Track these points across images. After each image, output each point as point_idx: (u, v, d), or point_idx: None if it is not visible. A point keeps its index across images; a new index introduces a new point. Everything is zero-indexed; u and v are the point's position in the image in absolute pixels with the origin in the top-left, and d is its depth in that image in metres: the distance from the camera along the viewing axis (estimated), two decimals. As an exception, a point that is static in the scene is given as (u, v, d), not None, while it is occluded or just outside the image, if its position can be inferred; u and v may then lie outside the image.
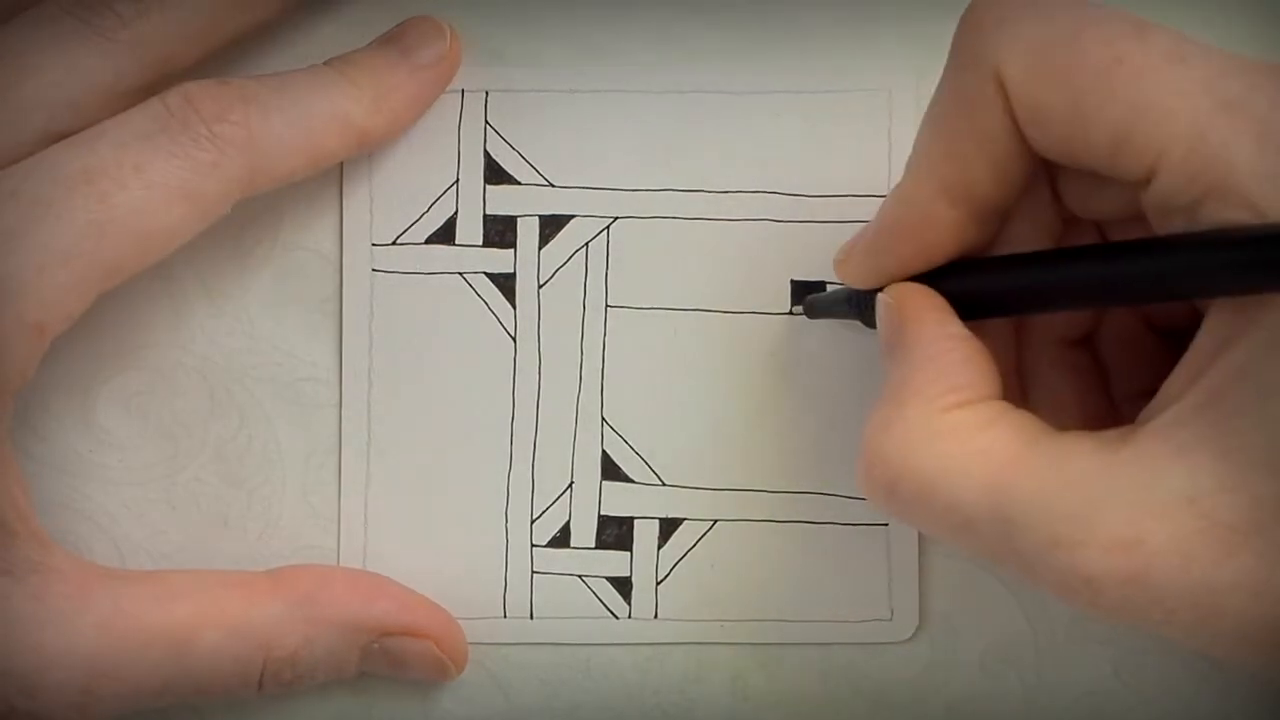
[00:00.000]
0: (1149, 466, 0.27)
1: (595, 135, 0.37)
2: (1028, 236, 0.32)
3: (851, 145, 0.37)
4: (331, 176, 0.37)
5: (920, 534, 0.36)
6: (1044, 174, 0.31)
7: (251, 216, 0.36)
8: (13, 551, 0.32)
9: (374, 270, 0.37)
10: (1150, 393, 0.29)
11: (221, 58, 0.35)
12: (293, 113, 0.34)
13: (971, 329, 0.31)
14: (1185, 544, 0.26)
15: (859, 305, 0.33)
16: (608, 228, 0.37)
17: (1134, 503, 0.26)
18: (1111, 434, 0.28)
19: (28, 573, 0.32)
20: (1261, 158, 0.26)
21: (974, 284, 0.31)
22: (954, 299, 0.31)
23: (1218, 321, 0.27)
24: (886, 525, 0.36)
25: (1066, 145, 0.28)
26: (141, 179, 0.32)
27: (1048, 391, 0.33)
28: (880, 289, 0.32)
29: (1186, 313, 0.31)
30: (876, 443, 0.29)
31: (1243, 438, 0.26)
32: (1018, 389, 0.34)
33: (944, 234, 0.31)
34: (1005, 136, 0.29)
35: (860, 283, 0.33)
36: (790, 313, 0.37)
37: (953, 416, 0.29)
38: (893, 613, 0.36)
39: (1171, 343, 0.33)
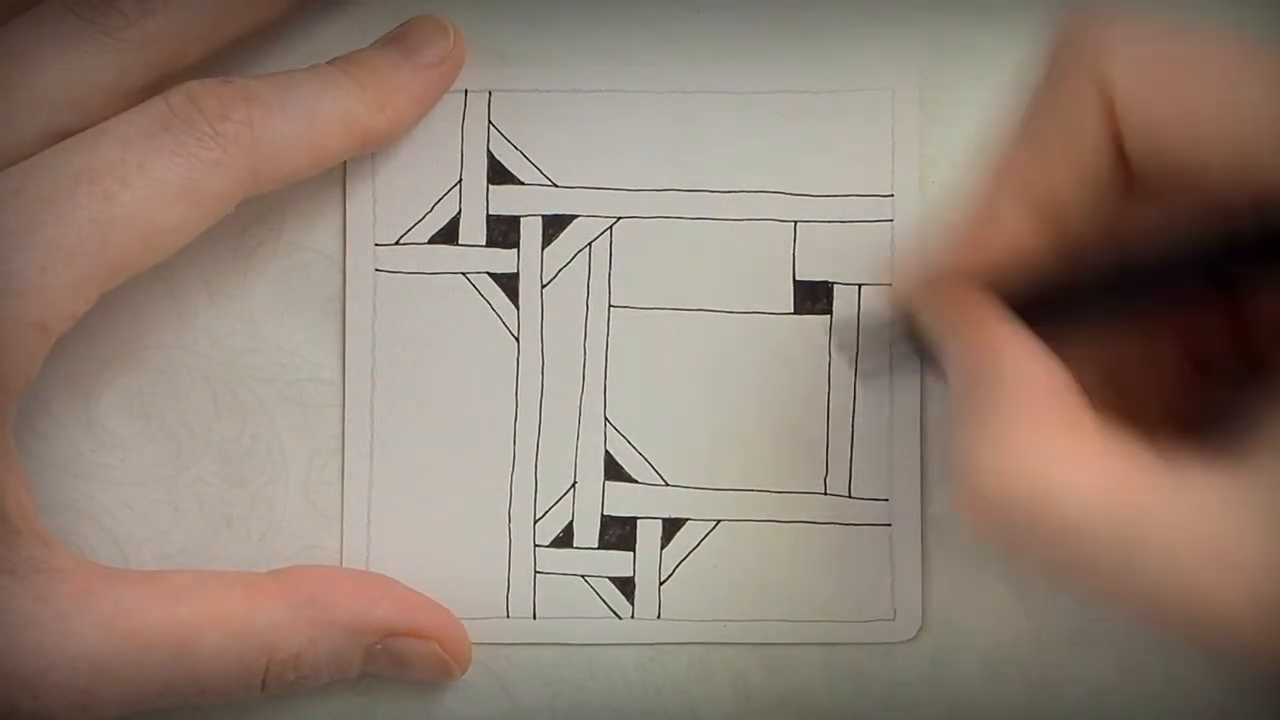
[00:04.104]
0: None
1: (599, 135, 0.37)
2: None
3: (855, 145, 0.37)
4: (335, 176, 0.37)
5: (924, 534, 0.36)
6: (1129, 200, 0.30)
7: (254, 216, 0.36)
8: (16, 551, 0.32)
9: (377, 270, 0.37)
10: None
11: (225, 57, 0.35)
12: (296, 112, 0.34)
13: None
14: None
15: (912, 335, 0.32)
16: (611, 228, 0.37)
17: (1271, 535, 0.25)
18: (1243, 465, 0.27)
19: (30, 572, 0.32)
20: None
21: (1049, 297, 0.30)
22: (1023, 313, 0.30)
23: None
24: (889, 525, 0.36)
25: (1178, 163, 0.27)
26: (145, 178, 0.32)
27: (1129, 380, 0.32)
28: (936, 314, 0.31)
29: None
30: (983, 467, 0.28)
31: None
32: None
33: (1019, 243, 0.29)
34: (1104, 152, 0.28)
35: (929, 286, 0.31)
36: (829, 355, 0.36)
37: (1063, 440, 0.28)
38: (895, 613, 0.36)
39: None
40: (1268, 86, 0.26)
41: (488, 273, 0.37)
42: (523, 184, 0.37)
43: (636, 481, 0.37)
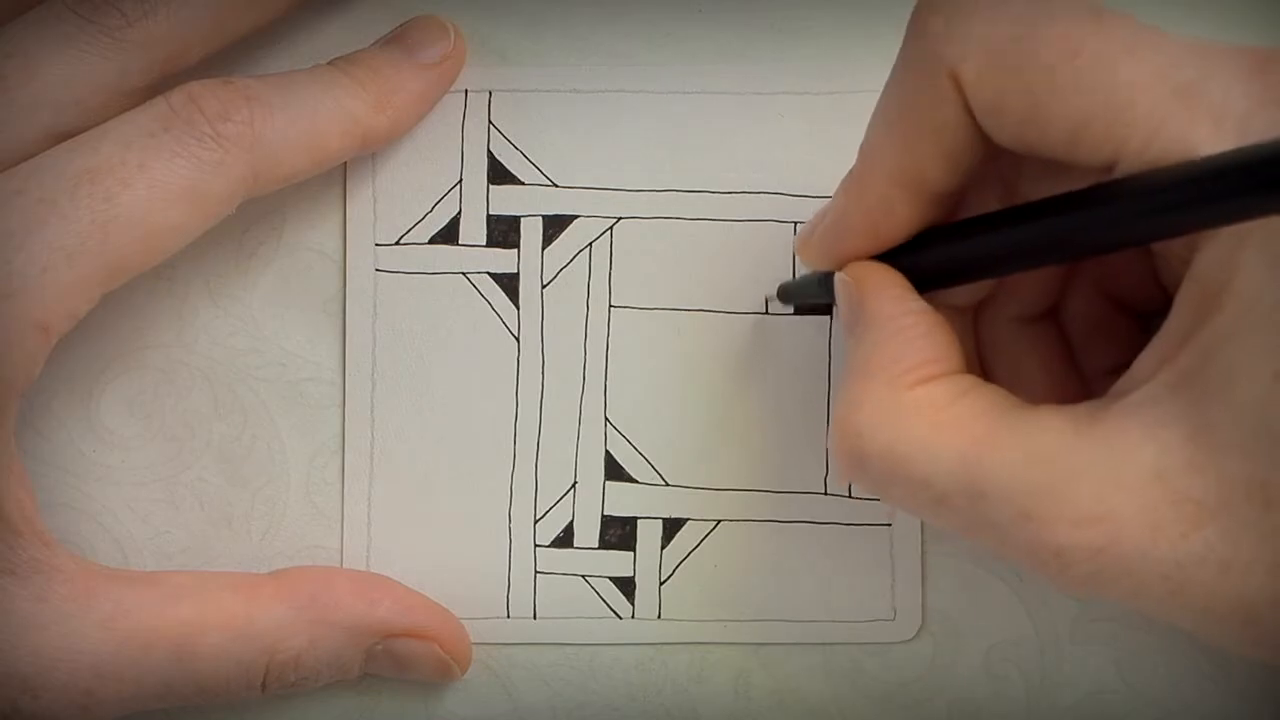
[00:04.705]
0: (1120, 443, 0.27)
1: (599, 135, 0.37)
2: (979, 211, 0.32)
3: (854, 146, 0.36)
4: (335, 176, 0.37)
5: (924, 534, 0.36)
6: (994, 157, 0.31)
7: (255, 216, 0.36)
8: (17, 552, 0.32)
9: (377, 270, 0.37)
10: (1120, 369, 0.29)
11: (226, 57, 0.35)
12: (297, 112, 0.34)
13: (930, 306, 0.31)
14: (1153, 518, 0.26)
15: (827, 287, 0.33)
16: (611, 228, 0.37)
17: (1104, 477, 0.27)
18: (1082, 409, 0.28)
19: (31, 573, 0.32)
20: (1220, 140, 0.26)
21: (929, 257, 0.31)
22: (910, 273, 0.31)
23: (1187, 303, 0.28)
24: (889, 525, 0.37)
25: (1025, 138, 0.29)
26: (146, 178, 0.32)
27: (1011, 368, 0.34)
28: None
29: (1154, 293, 0.32)
30: (847, 420, 0.30)
31: (1212, 418, 0.26)
32: (979, 369, 0.34)
33: (899, 219, 0.31)
34: (961, 130, 0.29)
35: (822, 265, 0.33)
36: (765, 310, 0.37)
37: (921, 391, 0.29)
38: (895, 612, 0.36)
39: (1140, 322, 0.33)
40: (1097, 68, 0.27)
41: (488, 273, 0.37)
42: (523, 184, 0.37)
43: (637, 481, 0.37)
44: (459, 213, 0.37)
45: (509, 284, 0.37)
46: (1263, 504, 0.26)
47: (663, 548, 0.37)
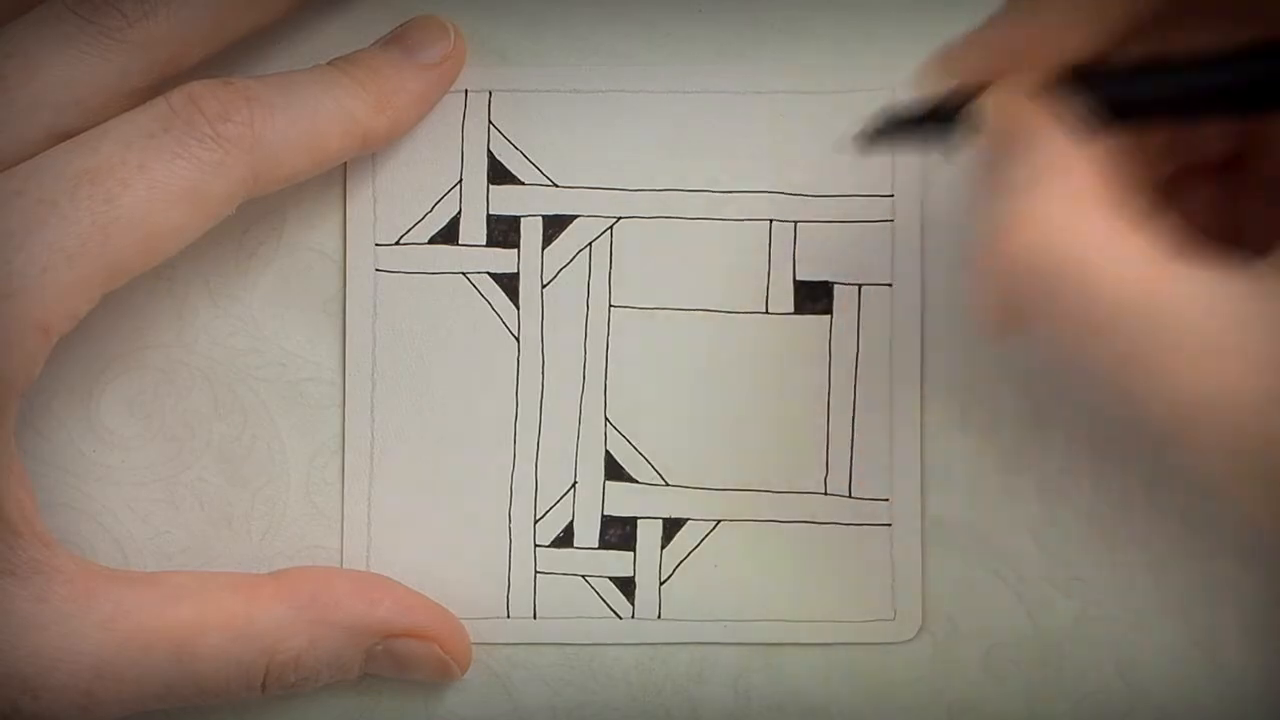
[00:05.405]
0: None
1: (599, 135, 0.37)
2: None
3: (855, 145, 0.37)
4: (335, 176, 0.37)
5: (923, 533, 0.36)
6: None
7: (255, 216, 0.36)
8: (17, 552, 0.32)
9: (377, 270, 0.37)
10: None
11: (226, 58, 0.35)
12: (297, 112, 0.34)
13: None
14: None
15: (956, 108, 0.31)
16: (611, 228, 0.37)
17: (1271, 333, 0.26)
18: (1267, 264, 0.27)
19: (31, 574, 0.32)
20: None
21: (1111, 85, 0.30)
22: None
23: None
24: (889, 525, 0.37)
25: None
26: (146, 179, 0.32)
27: (1179, 204, 0.33)
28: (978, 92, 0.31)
29: None
30: (1035, 226, 0.28)
31: None
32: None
33: (1080, 40, 0.30)
34: None
35: (974, 76, 0.31)
36: (853, 142, 0.34)
37: (1107, 212, 0.28)
38: (895, 613, 0.36)
39: None
40: None
41: (488, 273, 0.37)
42: (523, 184, 0.37)
43: (637, 481, 0.37)
44: (459, 213, 0.37)
45: (509, 284, 0.37)
46: None
47: (663, 548, 0.37)
